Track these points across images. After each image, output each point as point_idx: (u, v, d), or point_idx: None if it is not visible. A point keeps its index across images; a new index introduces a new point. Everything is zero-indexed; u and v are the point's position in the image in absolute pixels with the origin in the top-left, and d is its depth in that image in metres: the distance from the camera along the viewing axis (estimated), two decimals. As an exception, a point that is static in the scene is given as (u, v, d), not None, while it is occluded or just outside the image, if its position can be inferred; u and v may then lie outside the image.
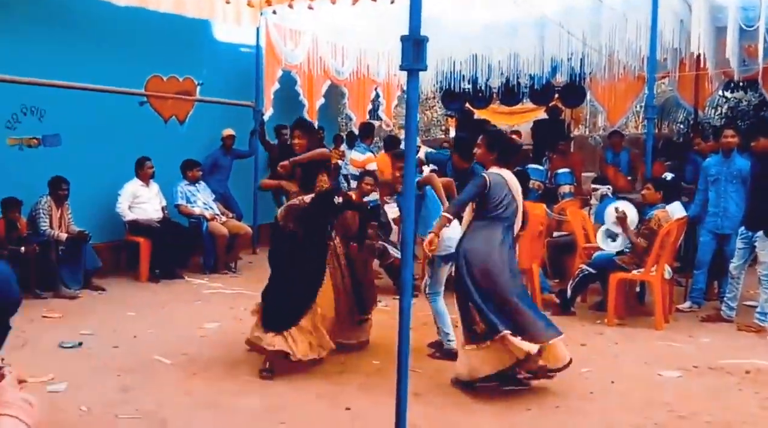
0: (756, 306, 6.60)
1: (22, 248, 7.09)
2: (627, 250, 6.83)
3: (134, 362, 5.27)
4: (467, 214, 4.91)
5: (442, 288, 5.56)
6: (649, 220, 6.67)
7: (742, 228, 6.67)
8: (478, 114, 14.43)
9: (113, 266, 8.44)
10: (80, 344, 5.66)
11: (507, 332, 4.53)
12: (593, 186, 8.70)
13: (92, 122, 8.16)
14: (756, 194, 6.56)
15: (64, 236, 7.51)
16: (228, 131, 9.67)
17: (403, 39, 3.42)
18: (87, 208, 8.11)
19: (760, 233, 6.41)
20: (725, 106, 14.97)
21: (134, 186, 8.40)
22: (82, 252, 7.63)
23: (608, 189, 8.27)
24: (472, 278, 4.66)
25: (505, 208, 4.74)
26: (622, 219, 6.80)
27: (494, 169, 4.81)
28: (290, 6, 9.04)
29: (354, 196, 7.26)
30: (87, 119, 8.11)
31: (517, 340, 4.52)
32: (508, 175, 4.83)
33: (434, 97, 17.85)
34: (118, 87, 8.27)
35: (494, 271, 4.65)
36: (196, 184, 8.97)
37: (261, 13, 9.59)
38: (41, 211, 7.42)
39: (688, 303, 7.28)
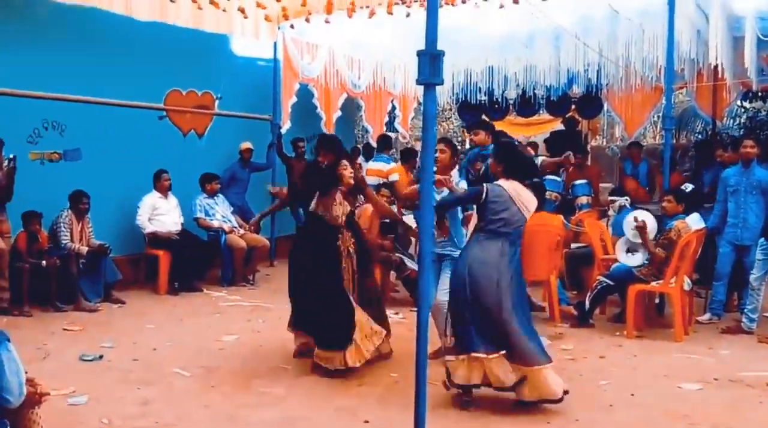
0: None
1: (43, 261, 7.18)
2: (646, 262, 6.79)
3: (153, 375, 5.31)
4: (471, 225, 4.91)
5: None
6: (669, 231, 6.63)
7: (762, 239, 6.62)
8: (495, 125, 14.42)
9: (133, 279, 8.52)
10: (101, 357, 5.71)
11: (483, 354, 4.51)
12: (611, 197, 8.66)
13: (112, 136, 8.25)
14: None
15: (84, 249, 7.58)
16: (246, 144, 9.74)
17: (420, 53, 3.45)
18: (107, 222, 8.19)
19: None
20: (743, 116, 14.85)
21: (153, 198, 8.48)
22: (102, 265, 7.70)
23: (626, 200, 8.23)
24: (469, 291, 4.59)
25: (506, 222, 4.63)
26: (641, 228, 6.73)
27: (501, 181, 4.75)
28: (307, 20, 9.12)
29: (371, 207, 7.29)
30: (107, 133, 8.21)
31: (495, 358, 4.53)
32: (512, 187, 4.70)
33: (450, 109, 17.87)
34: (138, 101, 8.38)
35: (489, 288, 4.54)
36: (215, 197, 9.04)
37: (278, 27, 9.69)
38: (62, 224, 7.50)
39: (707, 315, 7.22)
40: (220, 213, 8.99)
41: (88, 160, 8.01)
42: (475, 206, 4.89)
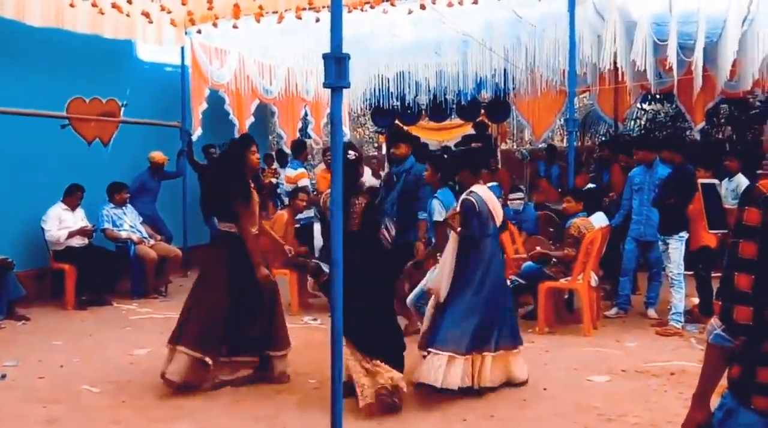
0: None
1: (-61, 279, 6.81)
2: (555, 261, 6.99)
3: (61, 392, 5.10)
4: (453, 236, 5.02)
5: None
6: (568, 228, 6.87)
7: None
8: (408, 130, 14.58)
9: (38, 294, 8.16)
10: (4, 376, 5.45)
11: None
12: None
13: (12, 147, 7.91)
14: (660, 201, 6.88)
15: (-16, 265, 7.23)
16: (159, 156, 9.46)
17: (326, 57, 3.45)
18: (9, 236, 7.83)
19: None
20: (644, 118, 15.45)
21: (58, 210, 8.13)
22: (4, 281, 7.33)
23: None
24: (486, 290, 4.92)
25: (488, 223, 4.99)
26: (542, 255, 7.07)
27: (474, 187, 5.03)
28: (215, 25, 8.96)
29: (287, 214, 7.27)
30: (6, 144, 7.86)
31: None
32: (482, 190, 5.06)
33: (365, 115, 17.94)
34: (39, 110, 8.05)
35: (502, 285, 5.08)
36: (123, 207, 8.76)
37: (185, 32, 9.48)
38: (-42, 239, 7.14)
39: (614, 310, 7.48)
40: (128, 223, 8.72)
41: (-14, 171, 7.65)
42: None
